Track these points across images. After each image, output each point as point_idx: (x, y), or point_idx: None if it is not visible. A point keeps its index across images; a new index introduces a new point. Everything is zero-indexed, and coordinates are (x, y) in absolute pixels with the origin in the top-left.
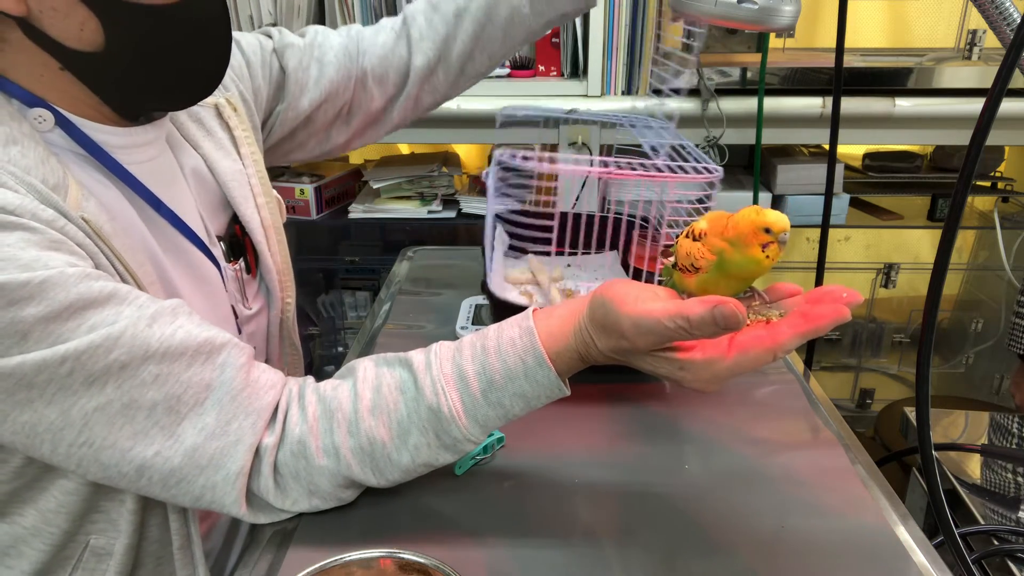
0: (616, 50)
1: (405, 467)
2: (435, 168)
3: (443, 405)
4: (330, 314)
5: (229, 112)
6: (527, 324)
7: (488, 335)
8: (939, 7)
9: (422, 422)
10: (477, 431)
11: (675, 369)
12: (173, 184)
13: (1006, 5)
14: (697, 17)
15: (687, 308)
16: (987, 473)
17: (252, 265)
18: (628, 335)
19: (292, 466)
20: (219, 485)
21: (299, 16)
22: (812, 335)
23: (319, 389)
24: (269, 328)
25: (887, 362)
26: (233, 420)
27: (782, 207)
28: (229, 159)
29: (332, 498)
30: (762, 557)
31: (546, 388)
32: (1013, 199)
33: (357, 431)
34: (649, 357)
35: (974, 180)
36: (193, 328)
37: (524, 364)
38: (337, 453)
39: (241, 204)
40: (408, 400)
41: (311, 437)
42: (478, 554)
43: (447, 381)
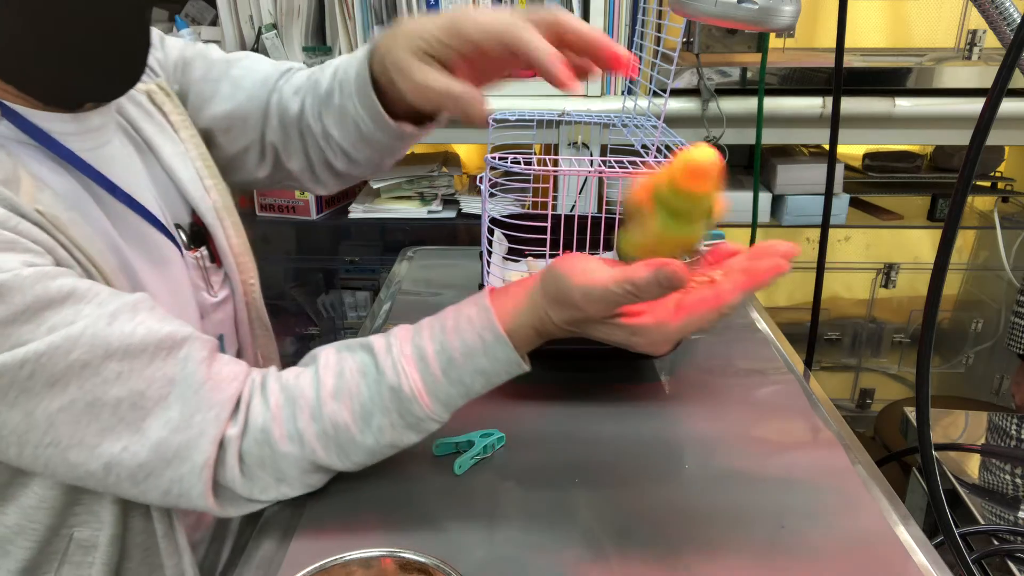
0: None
1: (370, 448)
2: (435, 168)
3: (404, 385)
4: (330, 314)
5: (162, 98)
6: (483, 302)
7: (447, 315)
8: (939, 7)
9: (384, 403)
10: (439, 409)
11: (628, 335)
12: (128, 168)
13: (1006, 5)
14: (697, 17)
15: (633, 273)
16: (987, 473)
17: (216, 254)
18: (580, 304)
19: (257, 454)
20: (186, 477)
21: (299, 16)
22: (755, 290)
23: (281, 377)
24: (237, 314)
25: (887, 362)
26: (197, 413)
27: (782, 207)
28: (170, 142)
29: (300, 484)
30: (762, 557)
31: (505, 364)
32: (1013, 199)
33: (320, 416)
34: (602, 325)
35: (974, 180)
36: (154, 324)
37: (483, 341)
38: (301, 439)
39: (188, 186)
40: (370, 382)
41: (274, 424)
42: (478, 554)
43: (407, 361)
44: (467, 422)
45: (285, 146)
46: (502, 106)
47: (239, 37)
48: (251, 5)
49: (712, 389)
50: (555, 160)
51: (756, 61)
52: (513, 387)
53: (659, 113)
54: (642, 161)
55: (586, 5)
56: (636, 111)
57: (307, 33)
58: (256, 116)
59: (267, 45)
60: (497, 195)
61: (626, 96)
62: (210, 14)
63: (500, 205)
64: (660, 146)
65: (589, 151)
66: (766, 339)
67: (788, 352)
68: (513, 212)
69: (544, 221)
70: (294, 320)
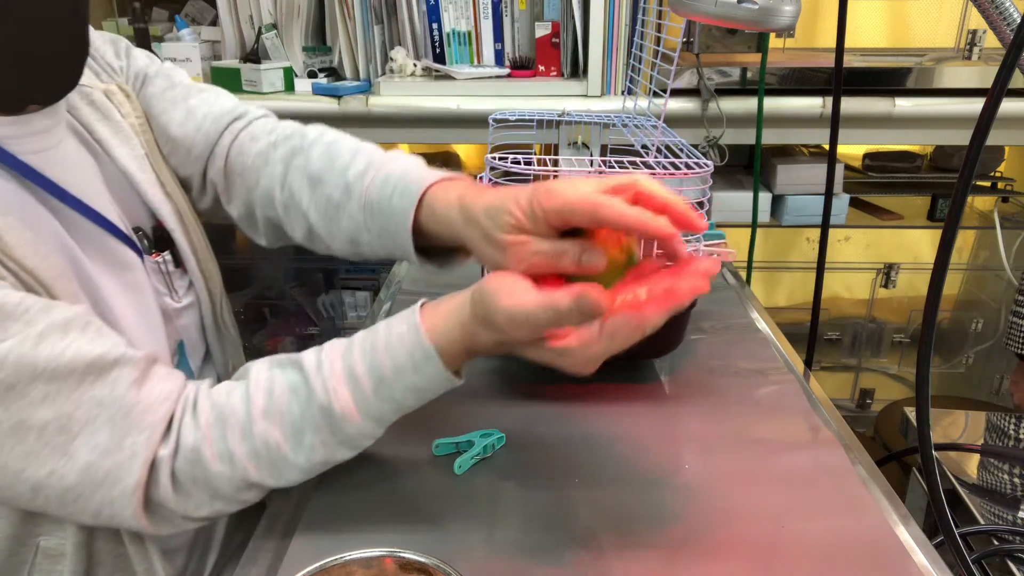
0: (616, 50)
1: (302, 466)
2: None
3: (335, 404)
4: (330, 314)
5: (121, 98)
6: (413, 320)
7: (378, 331)
8: (939, 7)
9: (316, 421)
10: (372, 426)
11: (554, 356)
12: (81, 172)
13: (1006, 5)
14: (697, 17)
15: (555, 299)
16: (986, 473)
17: (180, 259)
18: (504, 327)
19: (189, 473)
20: (116, 500)
21: (299, 16)
22: (676, 309)
23: (212, 395)
24: (203, 320)
25: (887, 362)
26: (127, 436)
27: (782, 207)
28: (127, 144)
29: (234, 501)
30: (762, 557)
31: (435, 381)
32: (1013, 199)
33: (251, 435)
34: (529, 347)
35: (974, 180)
36: (84, 345)
37: (412, 359)
38: (232, 458)
39: (148, 190)
40: (301, 401)
41: (205, 444)
42: (478, 554)
43: (338, 380)
44: (467, 422)
45: (226, 189)
46: (502, 106)
47: (239, 37)
48: (251, 5)
49: (712, 389)
50: (555, 160)
51: (756, 61)
52: (513, 387)
53: (659, 113)
54: (642, 161)
55: (586, 5)
56: (636, 111)
57: (307, 33)
58: (200, 150)
59: (267, 45)
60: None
61: (626, 96)
62: (210, 14)
63: None
64: (660, 146)
65: (589, 151)
66: (766, 339)
67: (788, 352)
68: None
69: None
70: (294, 320)
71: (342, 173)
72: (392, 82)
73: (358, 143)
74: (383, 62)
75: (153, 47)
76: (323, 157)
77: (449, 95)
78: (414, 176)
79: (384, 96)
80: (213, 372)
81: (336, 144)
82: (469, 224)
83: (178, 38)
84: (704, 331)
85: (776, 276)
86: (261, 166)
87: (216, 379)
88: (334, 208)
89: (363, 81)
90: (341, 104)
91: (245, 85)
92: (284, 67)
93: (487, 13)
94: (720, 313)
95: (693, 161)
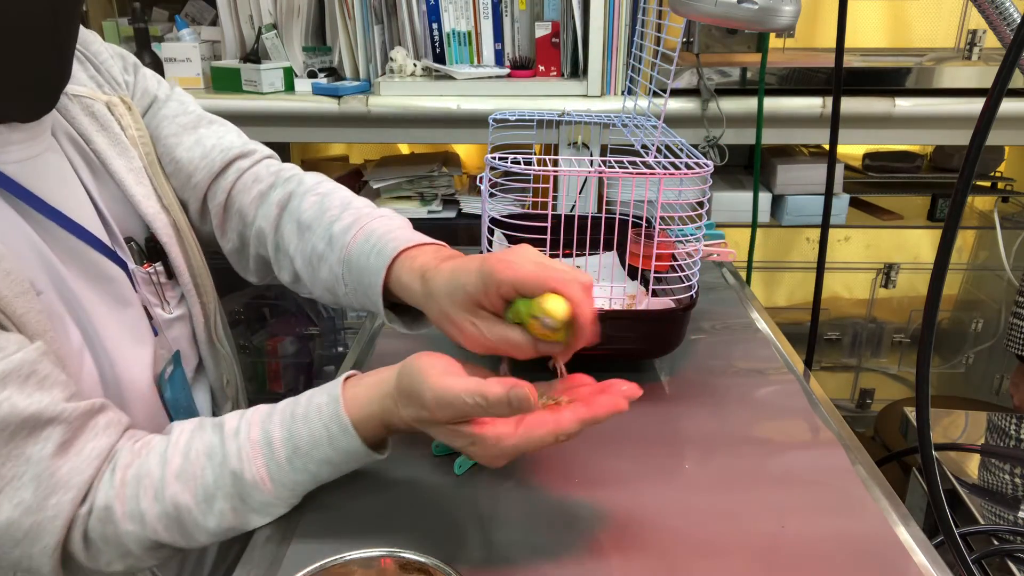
0: (616, 50)
1: (212, 531)
2: (435, 168)
3: (247, 472)
4: (330, 314)
5: (122, 110)
6: (334, 392)
7: (299, 401)
8: (939, 7)
9: (227, 488)
10: (286, 494)
11: (467, 443)
12: (63, 184)
13: (1006, 5)
14: (697, 17)
15: (486, 388)
16: (987, 473)
17: (172, 271)
18: (429, 407)
19: (100, 531)
20: (35, 556)
21: (299, 16)
22: (591, 423)
23: (134, 450)
24: (196, 334)
25: (887, 362)
26: (52, 495)
27: (782, 207)
28: (125, 156)
29: (146, 558)
30: (762, 557)
31: (352, 455)
32: (1013, 199)
33: (163, 497)
34: (446, 429)
35: (974, 180)
36: (21, 400)
37: (328, 432)
38: (143, 519)
39: (142, 202)
40: (215, 466)
41: (117, 503)
42: (478, 554)
43: (253, 447)
44: None
45: (222, 223)
46: (502, 106)
47: (239, 37)
48: (251, 5)
49: (712, 389)
50: (555, 160)
51: (756, 61)
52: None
53: (659, 113)
54: (642, 161)
55: (586, 5)
56: (636, 111)
57: (307, 33)
58: (201, 178)
59: (267, 45)
60: (497, 195)
61: (626, 96)
62: (210, 14)
63: (500, 205)
64: (660, 146)
65: (589, 151)
66: (766, 339)
67: (788, 352)
68: (513, 212)
69: (544, 221)
70: (294, 320)
71: (329, 225)
72: (392, 82)
73: (351, 197)
74: (383, 62)
75: (153, 47)
76: (314, 207)
77: (449, 95)
78: (392, 237)
79: (384, 96)
80: (206, 382)
81: (329, 196)
82: (428, 298)
83: (178, 38)
84: (704, 331)
85: (776, 276)
86: (258, 205)
87: (209, 390)
88: (317, 258)
89: (363, 81)
90: (341, 104)
91: (245, 85)
92: (284, 67)
93: (487, 13)
94: (720, 313)
95: (693, 161)
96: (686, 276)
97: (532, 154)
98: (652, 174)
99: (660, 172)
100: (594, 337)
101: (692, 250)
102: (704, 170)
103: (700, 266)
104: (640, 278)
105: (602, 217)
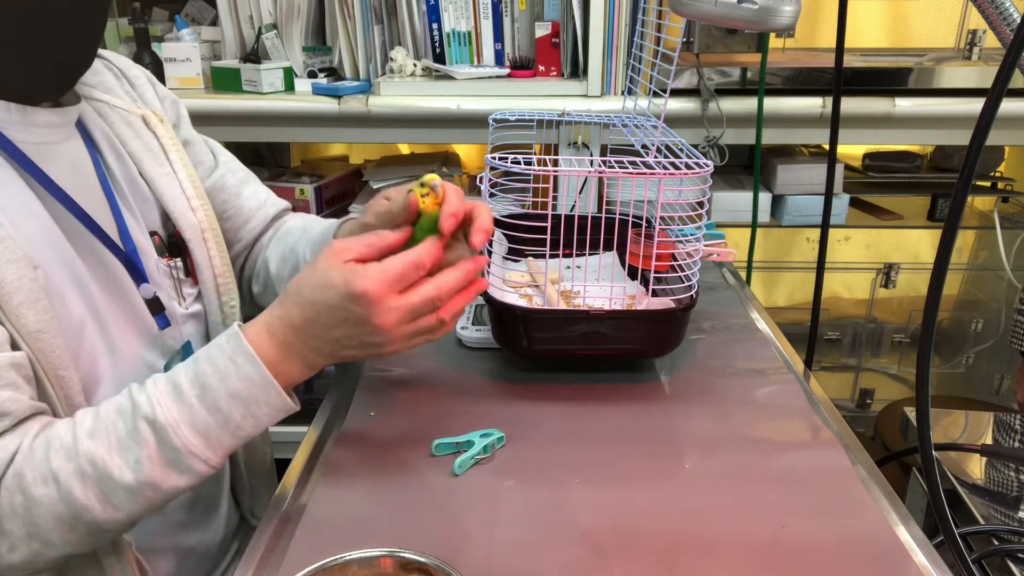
0: (616, 50)
1: (130, 487)
2: (435, 168)
3: (159, 414)
4: None
5: (155, 122)
6: (233, 329)
7: (200, 350)
8: (939, 7)
9: (141, 436)
10: (200, 442)
11: (349, 272)
12: (74, 173)
13: (1006, 5)
14: (697, 17)
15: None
16: (993, 471)
17: (192, 270)
18: (318, 269)
19: (8, 503)
20: None
21: (299, 16)
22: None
23: (42, 422)
24: (210, 332)
25: (887, 362)
26: None
27: (782, 207)
28: (156, 161)
29: (58, 541)
30: (762, 557)
31: (260, 386)
32: (1013, 199)
33: (76, 454)
34: (328, 271)
35: (974, 180)
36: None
37: (234, 363)
38: (56, 478)
39: (171, 204)
40: (126, 418)
41: (27, 468)
42: (478, 554)
43: (162, 393)
44: (467, 422)
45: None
46: (502, 106)
47: (239, 37)
48: (251, 5)
49: (712, 389)
50: (555, 160)
51: (756, 61)
52: (513, 387)
53: (659, 113)
54: (642, 161)
55: (586, 5)
56: (636, 111)
57: (307, 33)
58: (256, 225)
59: (267, 45)
60: (497, 195)
61: (626, 96)
62: (210, 14)
63: (500, 205)
64: (660, 146)
65: (589, 151)
66: (766, 339)
67: (788, 352)
68: (513, 212)
69: (544, 221)
70: None
71: (306, 229)
72: (392, 82)
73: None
74: (383, 62)
75: (153, 47)
76: (297, 222)
77: (449, 95)
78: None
79: (384, 96)
80: None
81: (313, 217)
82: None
83: (178, 38)
84: (704, 331)
85: (776, 276)
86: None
87: None
88: (289, 250)
89: (363, 81)
90: (341, 104)
91: (245, 85)
92: (284, 67)
93: (487, 13)
94: (720, 313)
95: (693, 161)
96: (686, 276)
97: (532, 154)
98: (652, 174)
99: (660, 172)
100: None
101: (692, 250)
102: (704, 170)
103: (700, 266)
104: (640, 278)
105: (602, 217)
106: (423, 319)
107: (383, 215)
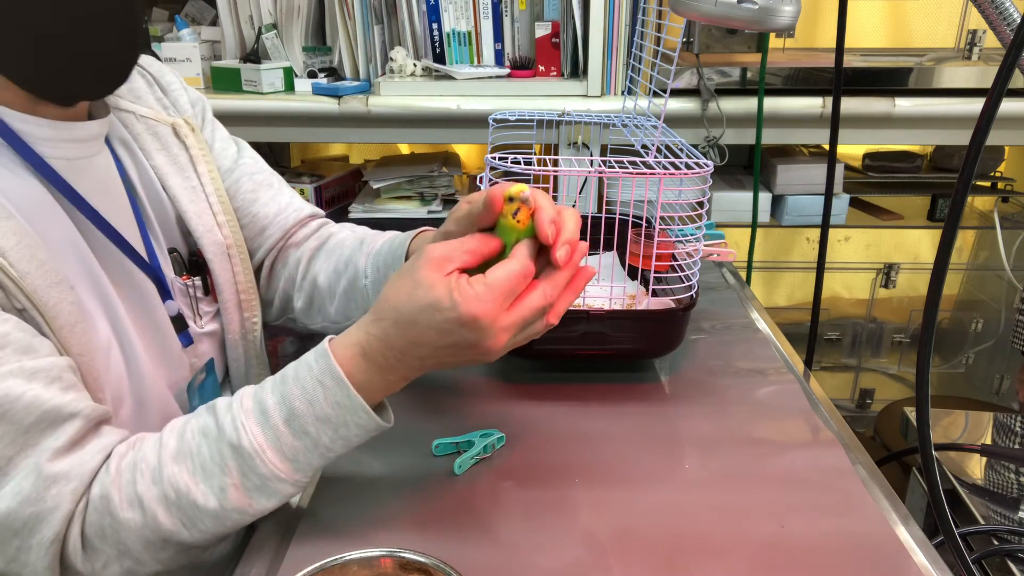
0: (616, 50)
1: (214, 513)
2: (435, 168)
3: (244, 440)
4: None
5: (186, 131)
6: (322, 347)
7: (289, 365)
8: (939, 7)
9: (225, 462)
10: (287, 467)
11: (458, 331)
12: (105, 190)
13: (1006, 5)
14: (697, 17)
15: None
16: (992, 472)
17: (212, 288)
18: (418, 266)
19: (97, 524)
20: (33, 549)
21: (299, 16)
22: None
23: (129, 443)
24: (228, 349)
25: (887, 362)
26: (53, 486)
27: (782, 207)
28: (182, 175)
29: (148, 560)
30: (762, 557)
31: (349, 410)
32: (1013, 199)
33: (160, 479)
34: (432, 287)
35: (974, 180)
36: (44, 393)
37: (323, 386)
38: (141, 503)
39: (193, 219)
40: (210, 441)
41: (114, 490)
42: (478, 554)
43: (247, 415)
44: (467, 422)
45: (269, 269)
46: (502, 106)
47: (239, 37)
48: (251, 5)
49: (712, 389)
50: (555, 160)
51: (756, 61)
52: (513, 387)
53: (659, 113)
54: (642, 161)
55: (586, 5)
56: (636, 111)
57: (307, 33)
58: (275, 231)
59: (267, 45)
60: None
61: (626, 96)
62: (210, 14)
63: None
64: (660, 146)
65: (589, 151)
66: (766, 339)
67: (788, 352)
68: None
69: None
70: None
71: (361, 243)
72: (392, 82)
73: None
74: (383, 62)
75: (153, 47)
76: (352, 236)
77: (449, 95)
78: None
79: (384, 96)
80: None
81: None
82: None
83: (178, 38)
84: (704, 331)
85: (776, 276)
86: (298, 249)
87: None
88: (344, 263)
89: (363, 81)
90: (341, 104)
91: (245, 85)
92: (284, 67)
93: (487, 13)
94: (720, 313)
95: (693, 161)
96: (686, 276)
97: (532, 154)
98: (652, 174)
99: (660, 172)
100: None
101: (692, 250)
102: (704, 170)
103: (700, 266)
104: (640, 278)
105: (602, 217)
106: (531, 327)
107: (463, 219)
